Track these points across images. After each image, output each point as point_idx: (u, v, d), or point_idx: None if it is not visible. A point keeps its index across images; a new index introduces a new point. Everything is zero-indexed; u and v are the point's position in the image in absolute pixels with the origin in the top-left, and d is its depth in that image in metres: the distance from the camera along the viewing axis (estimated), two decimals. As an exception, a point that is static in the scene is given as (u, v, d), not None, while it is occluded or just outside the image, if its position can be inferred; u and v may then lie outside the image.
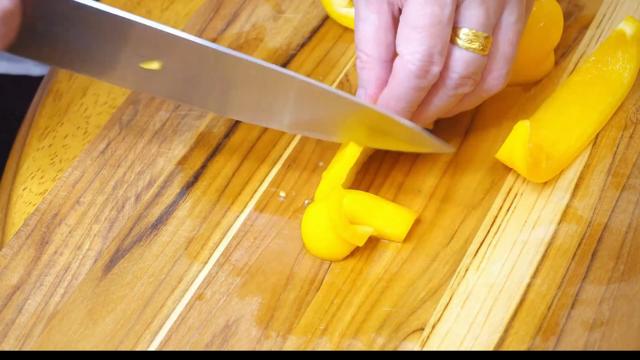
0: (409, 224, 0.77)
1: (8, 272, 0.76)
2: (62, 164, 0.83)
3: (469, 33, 0.75)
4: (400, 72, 0.75)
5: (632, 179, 0.80)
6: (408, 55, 0.74)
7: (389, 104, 0.76)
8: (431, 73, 0.74)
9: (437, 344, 0.72)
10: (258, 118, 0.79)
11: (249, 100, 0.78)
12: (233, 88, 0.77)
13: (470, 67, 0.75)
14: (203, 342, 0.73)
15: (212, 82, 0.77)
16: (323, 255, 0.76)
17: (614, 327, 0.72)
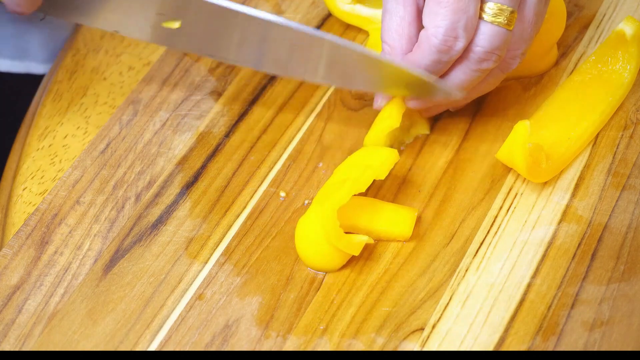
0: (412, 222, 0.77)
1: (8, 272, 0.76)
2: (62, 164, 0.83)
3: (494, 7, 0.75)
4: (424, 44, 0.75)
5: (632, 179, 0.80)
6: (432, 29, 0.75)
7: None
8: (454, 48, 0.75)
9: (437, 344, 0.72)
10: (285, 71, 0.80)
11: (276, 58, 0.79)
12: (258, 47, 0.78)
13: (495, 42, 0.75)
14: (203, 342, 0.73)
15: (233, 42, 0.78)
16: (318, 266, 0.75)
17: (614, 327, 0.72)
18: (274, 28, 0.76)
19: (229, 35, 0.78)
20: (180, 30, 0.78)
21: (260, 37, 0.77)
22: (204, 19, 0.77)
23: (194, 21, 0.77)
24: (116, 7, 0.78)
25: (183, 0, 0.76)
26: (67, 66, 0.90)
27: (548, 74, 0.86)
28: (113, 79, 0.88)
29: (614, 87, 0.83)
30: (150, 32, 0.79)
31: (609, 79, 0.83)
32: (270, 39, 0.77)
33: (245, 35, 0.77)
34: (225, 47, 0.79)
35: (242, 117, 0.85)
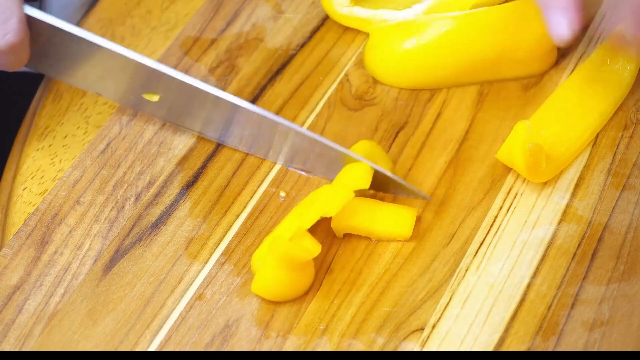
0: (412, 222, 0.77)
1: (8, 272, 0.76)
2: (62, 164, 0.83)
3: None
4: None
5: (632, 178, 0.80)
6: None
7: None
8: None
9: (437, 344, 0.72)
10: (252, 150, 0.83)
11: (245, 136, 0.81)
12: (229, 124, 0.81)
13: None
14: (203, 342, 0.73)
15: (209, 117, 0.81)
16: (274, 295, 0.74)
17: (614, 327, 0.72)
18: (240, 110, 0.79)
19: (199, 112, 0.81)
20: (159, 102, 0.82)
21: (227, 117, 0.80)
22: (180, 96, 0.80)
23: (170, 96, 0.81)
24: (100, 75, 0.81)
25: (159, 77, 0.79)
26: (67, 66, 0.90)
27: (548, 73, 0.86)
28: (113, 79, 0.88)
29: (614, 87, 0.83)
30: (131, 101, 0.83)
31: (608, 79, 0.83)
32: (237, 120, 0.80)
33: (214, 114, 0.80)
34: (194, 122, 0.82)
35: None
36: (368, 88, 0.87)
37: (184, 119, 0.82)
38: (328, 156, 0.79)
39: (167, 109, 0.82)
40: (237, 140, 0.82)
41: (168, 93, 0.80)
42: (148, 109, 0.83)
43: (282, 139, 0.80)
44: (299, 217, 0.75)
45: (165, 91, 0.80)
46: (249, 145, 0.82)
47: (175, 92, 0.80)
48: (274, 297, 0.74)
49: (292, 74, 0.87)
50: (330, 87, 0.87)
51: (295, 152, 0.80)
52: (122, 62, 0.79)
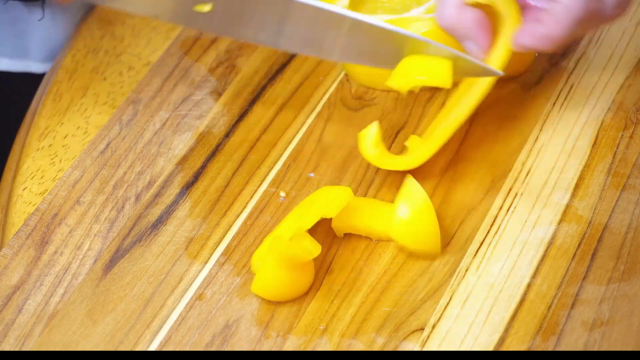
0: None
1: (8, 272, 0.76)
2: (62, 164, 0.83)
3: None
4: (560, 17, 0.75)
5: (632, 178, 0.80)
6: (570, 3, 0.74)
7: (541, 40, 0.76)
8: (588, 13, 0.74)
9: (437, 344, 0.72)
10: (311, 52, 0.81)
11: (303, 36, 0.80)
12: (285, 25, 0.79)
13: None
14: (203, 342, 0.73)
15: (262, 21, 0.79)
16: (274, 295, 0.74)
17: (614, 327, 0.72)
18: (297, 6, 0.77)
19: (252, 16, 0.79)
20: (209, 13, 0.79)
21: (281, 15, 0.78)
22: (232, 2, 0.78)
23: (222, 4, 0.79)
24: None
25: None
26: (67, 66, 0.90)
27: (548, 73, 0.86)
28: (113, 79, 0.88)
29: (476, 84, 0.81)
30: (181, 16, 0.80)
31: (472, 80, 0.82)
32: (293, 18, 0.78)
33: (267, 14, 0.78)
34: (250, 28, 0.80)
35: (242, 117, 0.85)
36: (368, 88, 0.87)
37: (236, 28, 0.80)
38: (386, 42, 0.78)
39: (220, 19, 0.80)
40: (292, 41, 0.80)
41: (219, 1, 0.78)
42: (200, 23, 0.80)
43: (339, 30, 0.78)
44: (299, 218, 0.75)
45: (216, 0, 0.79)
46: (304, 44, 0.80)
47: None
48: (274, 297, 0.74)
49: (292, 74, 0.87)
50: (330, 87, 0.87)
51: (353, 43, 0.79)
52: None
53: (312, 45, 0.80)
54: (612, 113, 0.84)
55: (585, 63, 0.87)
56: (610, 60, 0.87)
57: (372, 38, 0.78)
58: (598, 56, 0.88)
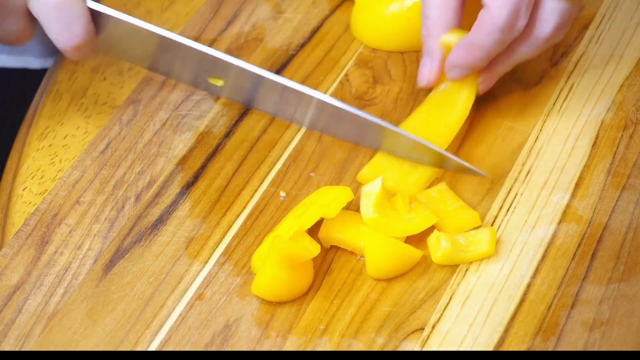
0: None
1: (8, 272, 0.76)
2: (62, 164, 0.83)
3: None
4: (487, 25, 0.76)
5: (632, 179, 0.80)
6: (496, 9, 0.75)
7: (469, 50, 0.78)
8: (516, 27, 0.76)
9: (437, 344, 0.72)
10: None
11: (304, 115, 0.83)
12: (286, 106, 0.83)
13: (564, 17, 0.77)
14: (203, 342, 0.73)
15: (270, 100, 0.83)
16: (274, 296, 0.74)
17: (614, 327, 0.72)
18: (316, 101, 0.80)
19: (265, 96, 0.83)
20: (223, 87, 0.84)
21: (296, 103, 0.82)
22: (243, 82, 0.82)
23: (235, 82, 0.83)
24: (168, 59, 0.82)
25: (225, 65, 0.81)
26: (67, 66, 0.90)
27: (548, 74, 0.86)
28: (113, 79, 0.88)
29: (452, 112, 0.81)
30: (195, 82, 0.85)
31: (448, 106, 0.82)
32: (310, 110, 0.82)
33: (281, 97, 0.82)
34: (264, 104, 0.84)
35: (242, 117, 0.85)
36: (368, 88, 0.87)
37: (249, 102, 0.84)
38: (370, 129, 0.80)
39: (233, 92, 0.84)
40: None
41: (231, 79, 0.82)
42: (216, 92, 0.85)
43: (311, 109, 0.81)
44: (299, 217, 0.75)
45: (225, 76, 0.82)
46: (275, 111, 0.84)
47: (239, 79, 0.82)
48: (274, 297, 0.74)
49: (292, 74, 0.87)
50: (330, 87, 0.87)
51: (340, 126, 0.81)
52: (182, 50, 0.80)
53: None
54: (612, 113, 0.84)
55: (585, 63, 0.87)
56: (610, 60, 0.87)
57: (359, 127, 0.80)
58: (598, 56, 0.88)
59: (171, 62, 0.82)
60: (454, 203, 0.77)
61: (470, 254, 0.75)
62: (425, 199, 0.78)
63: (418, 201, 0.77)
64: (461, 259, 0.75)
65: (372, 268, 0.74)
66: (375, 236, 0.74)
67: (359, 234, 0.75)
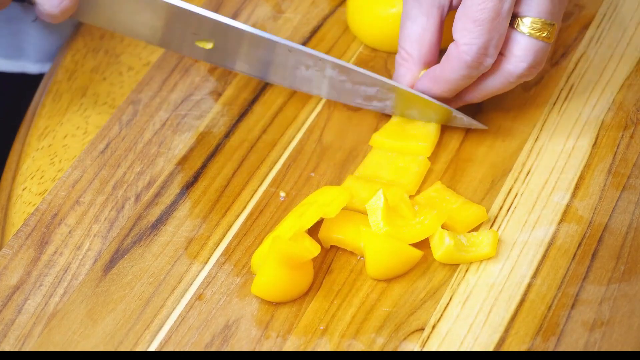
0: None
1: (8, 272, 0.76)
2: (62, 164, 0.83)
3: (538, 22, 0.76)
4: (454, 60, 0.77)
5: (632, 179, 0.80)
6: (464, 46, 0.76)
7: (436, 82, 0.79)
8: (484, 64, 0.77)
9: (437, 344, 0.72)
10: (295, 87, 0.84)
11: (288, 75, 0.83)
12: (275, 65, 0.82)
13: (539, 56, 0.77)
14: (203, 342, 0.73)
15: (258, 60, 0.82)
16: (273, 296, 0.74)
17: (615, 327, 0.72)
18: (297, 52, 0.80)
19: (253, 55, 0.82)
20: (212, 49, 0.83)
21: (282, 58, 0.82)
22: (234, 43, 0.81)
23: (225, 43, 0.82)
24: (152, 22, 0.81)
25: (215, 25, 0.80)
26: (67, 66, 0.90)
27: (548, 74, 0.86)
28: (113, 79, 0.88)
29: (421, 141, 0.81)
30: (184, 48, 0.84)
31: (415, 135, 0.82)
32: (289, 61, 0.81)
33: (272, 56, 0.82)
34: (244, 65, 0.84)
35: (242, 117, 0.85)
36: (368, 88, 0.87)
37: (234, 64, 0.83)
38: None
39: (220, 56, 0.83)
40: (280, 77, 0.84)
41: (220, 40, 0.81)
42: (204, 56, 0.84)
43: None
44: (299, 218, 0.75)
45: (217, 39, 0.81)
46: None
47: (227, 39, 0.81)
48: (274, 297, 0.74)
49: (292, 74, 0.87)
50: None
51: (338, 86, 0.81)
52: (168, 10, 0.79)
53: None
54: (612, 113, 0.84)
55: (585, 63, 0.87)
56: (610, 60, 0.87)
57: (360, 82, 0.81)
58: (598, 56, 0.88)
59: (157, 25, 0.81)
60: (456, 200, 0.77)
61: (471, 255, 0.75)
62: (426, 200, 0.78)
63: (419, 203, 0.77)
64: (462, 258, 0.75)
65: (372, 268, 0.74)
66: (375, 236, 0.74)
67: (359, 234, 0.75)
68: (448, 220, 0.76)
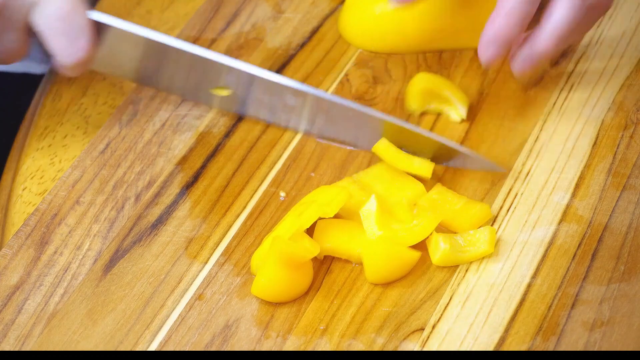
0: None
1: (8, 272, 0.76)
2: (62, 164, 0.83)
3: None
4: None
5: (632, 179, 0.80)
6: None
7: (500, 19, 0.77)
8: None
9: (437, 344, 0.72)
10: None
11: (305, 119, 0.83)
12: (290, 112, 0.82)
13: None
14: (203, 342, 0.73)
15: (278, 107, 0.82)
16: (274, 296, 0.74)
17: (615, 327, 0.72)
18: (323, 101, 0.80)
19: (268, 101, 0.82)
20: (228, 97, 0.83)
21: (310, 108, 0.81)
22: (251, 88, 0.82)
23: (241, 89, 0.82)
24: (171, 73, 0.82)
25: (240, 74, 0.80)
26: (67, 66, 0.90)
27: (548, 74, 0.86)
28: (113, 79, 0.88)
29: None
30: (201, 97, 0.84)
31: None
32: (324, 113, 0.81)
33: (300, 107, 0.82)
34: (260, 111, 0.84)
35: (242, 117, 0.85)
36: (368, 88, 0.87)
37: (248, 109, 0.83)
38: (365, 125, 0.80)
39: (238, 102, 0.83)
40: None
41: (236, 87, 0.82)
42: (222, 105, 0.84)
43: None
44: (298, 218, 0.75)
45: (232, 84, 0.81)
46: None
47: (245, 86, 0.81)
48: (274, 298, 0.74)
49: (292, 74, 0.87)
50: (330, 87, 0.87)
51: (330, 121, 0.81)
52: (189, 59, 0.80)
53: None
54: (612, 113, 0.84)
55: (585, 63, 0.87)
56: (610, 60, 0.87)
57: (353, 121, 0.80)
58: (598, 56, 0.88)
59: (171, 72, 0.81)
60: (459, 201, 0.77)
61: (469, 254, 0.75)
62: (428, 203, 0.77)
63: (420, 206, 0.77)
64: (461, 259, 0.75)
65: (371, 274, 0.74)
66: (371, 242, 0.74)
67: (352, 242, 0.75)
68: (453, 222, 0.76)
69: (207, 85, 0.82)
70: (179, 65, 0.80)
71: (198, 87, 0.82)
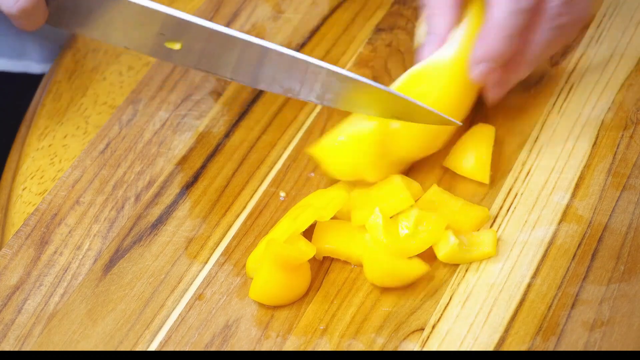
0: None
1: (8, 272, 0.76)
2: (62, 163, 0.83)
3: None
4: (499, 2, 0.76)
5: (632, 179, 0.80)
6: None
7: (491, 34, 0.76)
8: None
9: (437, 344, 0.72)
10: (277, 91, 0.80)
11: (272, 81, 0.79)
12: (251, 69, 0.78)
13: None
14: (203, 342, 0.73)
15: (231, 63, 0.78)
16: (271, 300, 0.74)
17: (615, 327, 0.72)
18: (269, 53, 0.76)
19: (226, 57, 0.78)
20: (181, 51, 0.79)
21: (256, 60, 0.77)
22: (203, 42, 0.78)
23: (193, 43, 0.78)
24: (121, 25, 0.79)
25: (183, 24, 0.77)
26: (67, 66, 0.90)
27: (548, 74, 0.86)
28: (113, 79, 0.88)
29: None
30: (153, 50, 0.80)
31: None
32: (266, 62, 0.77)
33: (242, 58, 0.77)
34: (223, 67, 0.79)
35: (242, 117, 0.85)
36: (368, 88, 0.87)
37: (210, 65, 0.80)
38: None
39: (192, 57, 0.80)
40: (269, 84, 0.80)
41: (190, 41, 0.78)
42: (174, 59, 0.81)
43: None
44: (294, 221, 0.75)
45: (187, 39, 0.78)
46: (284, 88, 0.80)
47: (198, 40, 0.78)
48: (272, 301, 0.74)
49: (292, 74, 0.87)
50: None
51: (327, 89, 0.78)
52: (142, 12, 0.77)
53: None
54: (612, 113, 0.84)
55: (585, 63, 0.87)
56: (610, 60, 0.87)
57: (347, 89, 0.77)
58: (598, 56, 0.88)
59: (126, 27, 0.79)
60: (456, 203, 0.77)
61: (473, 254, 0.75)
62: (425, 205, 0.77)
63: (420, 208, 0.76)
64: (464, 258, 0.75)
65: (374, 279, 0.74)
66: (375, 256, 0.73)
67: (351, 242, 0.75)
68: (453, 224, 0.76)
69: (161, 39, 0.79)
70: (128, 18, 0.78)
71: (153, 41, 0.79)
